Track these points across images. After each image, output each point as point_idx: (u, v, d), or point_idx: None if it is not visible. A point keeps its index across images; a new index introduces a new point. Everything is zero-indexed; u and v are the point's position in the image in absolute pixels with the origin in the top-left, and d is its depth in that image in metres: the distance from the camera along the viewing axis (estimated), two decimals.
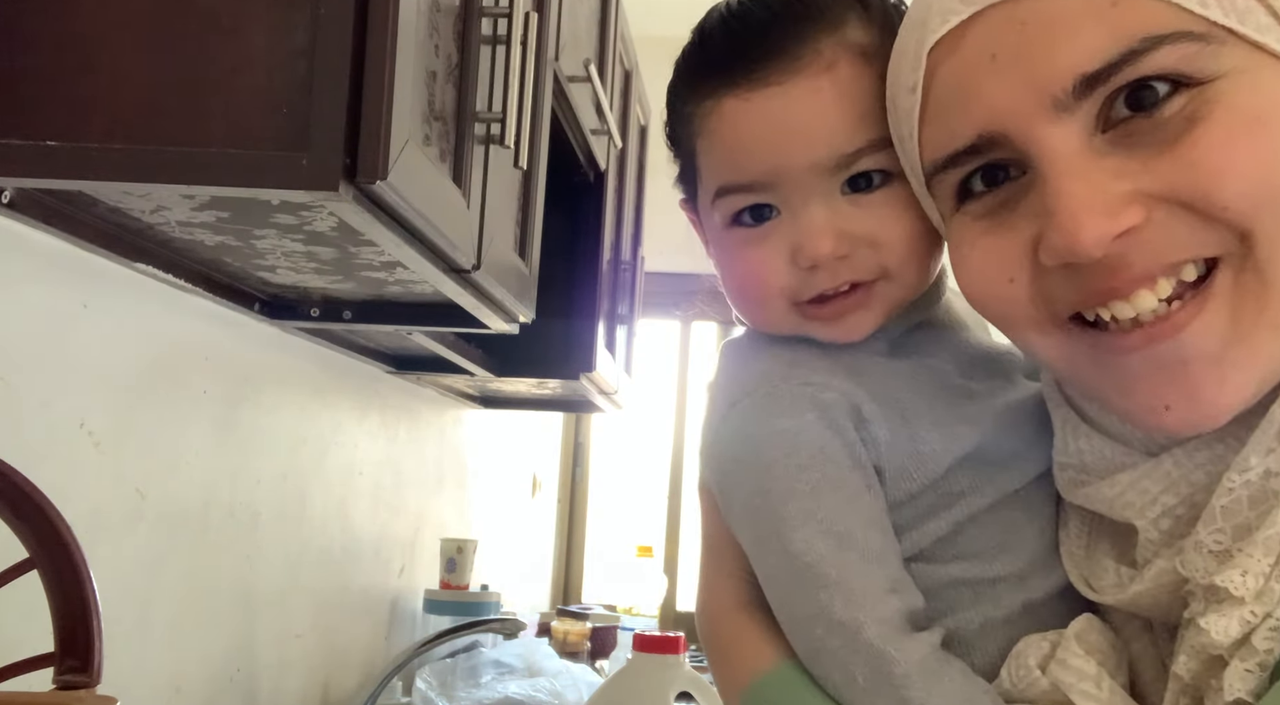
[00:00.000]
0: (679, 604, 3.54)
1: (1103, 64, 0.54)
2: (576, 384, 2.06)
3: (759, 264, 0.69)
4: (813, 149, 0.65)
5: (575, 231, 1.99)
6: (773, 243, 0.68)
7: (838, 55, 0.65)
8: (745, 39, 0.66)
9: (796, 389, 0.68)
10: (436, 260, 1.09)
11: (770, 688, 0.67)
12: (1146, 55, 0.53)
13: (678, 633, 1.11)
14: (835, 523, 0.65)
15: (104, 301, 1.17)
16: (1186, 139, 0.54)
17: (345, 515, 1.85)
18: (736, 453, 0.69)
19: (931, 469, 0.67)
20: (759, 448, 0.67)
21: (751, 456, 0.68)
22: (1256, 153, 0.53)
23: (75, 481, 1.13)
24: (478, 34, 1.09)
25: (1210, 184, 0.53)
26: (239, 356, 1.45)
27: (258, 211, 0.98)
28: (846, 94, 0.65)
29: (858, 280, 0.68)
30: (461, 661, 1.88)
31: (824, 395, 0.67)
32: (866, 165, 0.66)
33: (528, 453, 3.15)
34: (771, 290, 0.69)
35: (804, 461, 0.66)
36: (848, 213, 0.66)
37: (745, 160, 0.67)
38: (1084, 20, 0.54)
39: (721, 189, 0.69)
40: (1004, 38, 0.56)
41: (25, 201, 0.98)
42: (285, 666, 1.65)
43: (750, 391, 0.70)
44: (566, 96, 1.63)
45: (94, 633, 0.83)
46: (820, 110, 0.65)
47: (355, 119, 0.84)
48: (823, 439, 0.66)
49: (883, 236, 0.67)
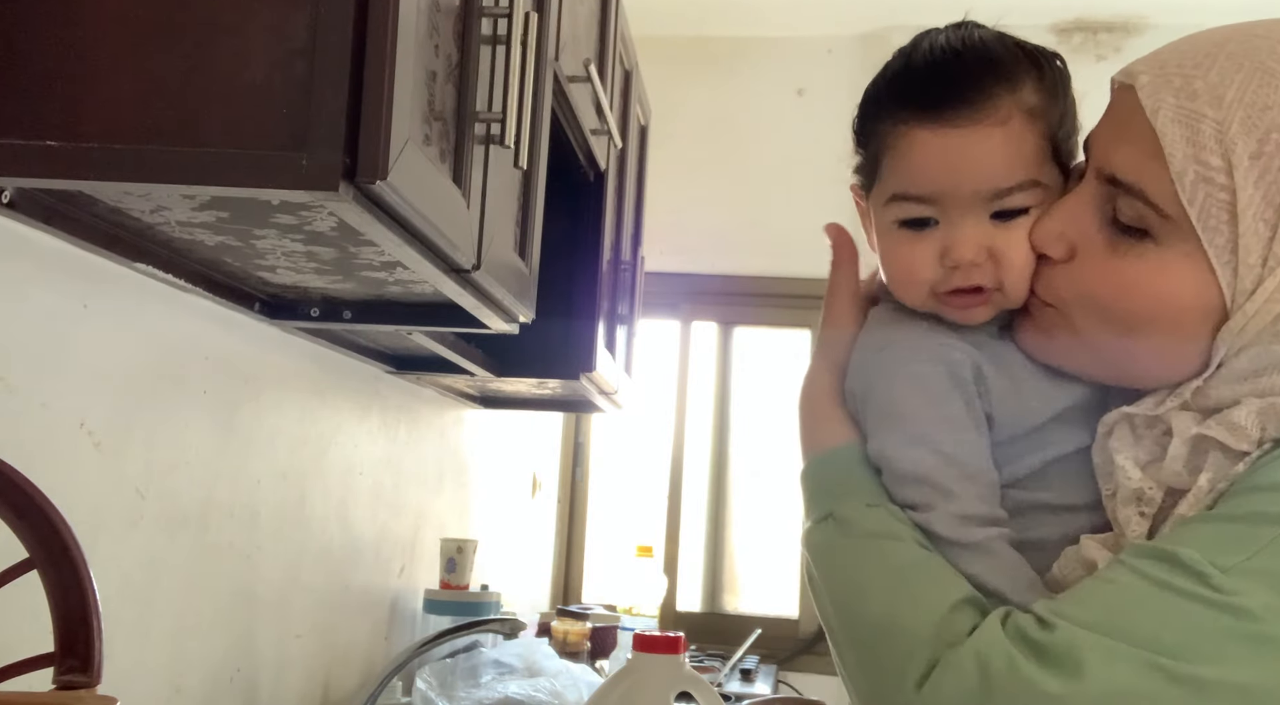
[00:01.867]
0: (679, 604, 3.54)
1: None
2: (576, 384, 2.06)
3: (915, 258, 0.87)
4: (976, 181, 0.83)
5: (575, 231, 1.99)
6: (928, 244, 0.86)
7: (1012, 112, 0.83)
8: (943, 84, 0.84)
9: (934, 346, 0.87)
10: (436, 260, 1.09)
11: (833, 457, 0.89)
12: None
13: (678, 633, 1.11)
14: (943, 445, 0.84)
15: (104, 301, 1.17)
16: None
17: (345, 515, 1.85)
18: (881, 382, 0.88)
19: (1032, 420, 0.86)
20: (897, 382, 0.87)
21: (891, 388, 0.87)
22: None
23: (75, 481, 1.13)
24: (478, 34, 1.09)
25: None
26: (239, 356, 1.45)
27: (258, 211, 0.98)
28: (1011, 143, 0.83)
29: (982, 285, 0.86)
30: (461, 661, 1.88)
31: (953, 354, 0.86)
32: (1014, 201, 0.84)
33: (528, 453, 3.15)
34: (921, 279, 0.87)
35: (930, 398, 0.86)
36: (990, 233, 0.85)
37: (923, 179, 0.85)
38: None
39: (897, 195, 0.87)
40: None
41: (25, 201, 0.98)
42: (285, 666, 1.65)
43: (898, 341, 0.89)
44: (566, 96, 1.63)
45: (94, 633, 0.83)
46: (988, 153, 0.83)
47: (355, 119, 0.84)
48: (945, 385, 0.86)
49: (1009, 256, 0.85)
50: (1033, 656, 0.71)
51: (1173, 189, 0.75)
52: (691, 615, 3.54)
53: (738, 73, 3.55)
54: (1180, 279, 0.77)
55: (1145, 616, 0.71)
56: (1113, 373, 0.84)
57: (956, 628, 0.76)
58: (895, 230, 0.88)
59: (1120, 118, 0.80)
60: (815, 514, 0.87)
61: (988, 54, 0.85)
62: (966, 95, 0.83)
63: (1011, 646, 0.72)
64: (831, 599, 0.84)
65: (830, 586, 0.84)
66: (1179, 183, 0.75)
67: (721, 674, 2.74)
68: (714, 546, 3.59)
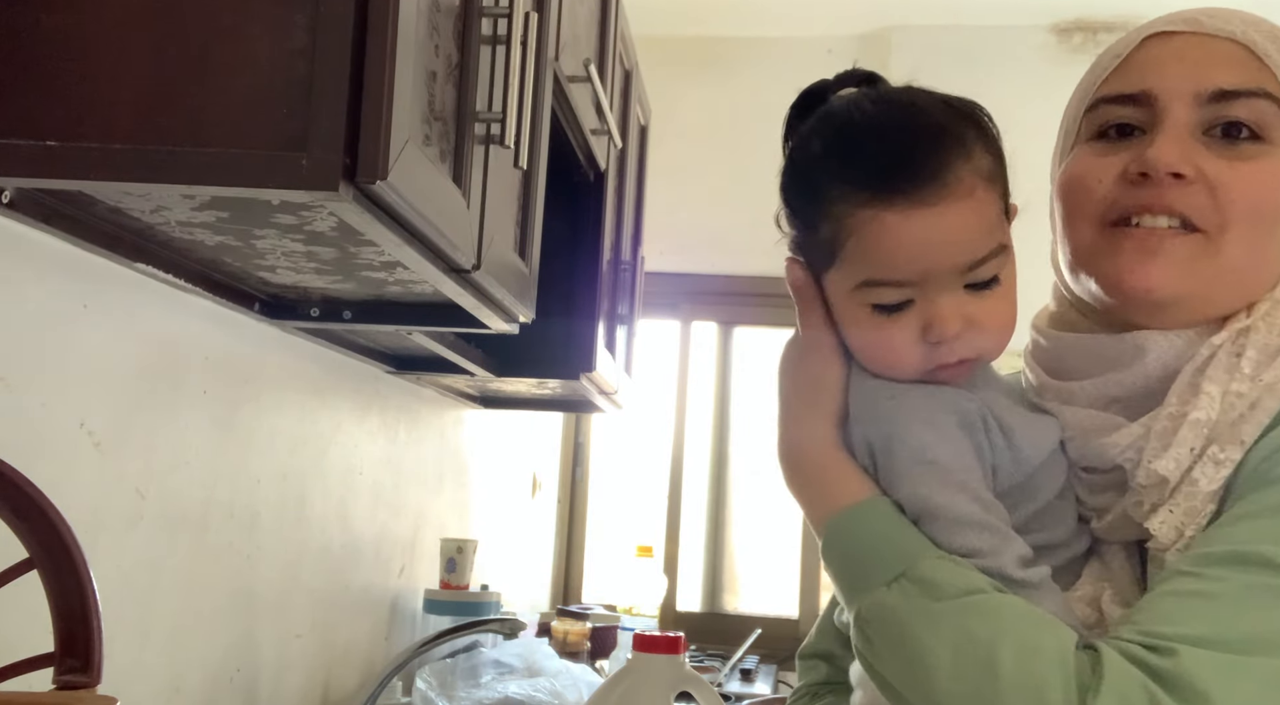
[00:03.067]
0: (679, 604, 3.54)
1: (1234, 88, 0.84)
2: (576, 384, 2.06)
3: (896, 341, 0.84)
4: (954, 256, 0.82)
5: (575, 231, 1.99)
6: (905, 323, 0.83)
7: (974, 182, 0.82)
8: (903, 163, 0.81)
9: (947, 394, 0.85)
10: (436, 260, 1.09)
11: (865, 513, 0.83)
12: (1244, 100, 0.84)
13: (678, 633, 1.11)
14: (980, 491, 0.82)
15: (104, 301, 1.17)
16: (1242, 167, 0.84)
17: (345, 515, 1.85)
18: (904, 430, 0.84)
19: (1025, 468, 0.85)
20: (923, 430, 0.83)
21: (919, 435, 0.83)
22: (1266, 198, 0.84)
23: (75, 481, 1.13)
24: (478, 34, 1.09)
25: (1230, 196, 0.83)
26: (239, 356, 1.45)
27: (258, 211, 0.98)
28: (979, 213, 0.82)
29: (966, 357, 0.85)
30: (461, 661, 1.88)
31: (965, 403, 0.84)
32: (987, 270, 0.83)
33: (528, 453, 3.15)
34: (907, 362, 0.85)
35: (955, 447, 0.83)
36: (967, 302, 0.83)
37: (900, 263, 0.82)
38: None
39: (870, 281, 0.83)
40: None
41: (25, 201, 0.98)
42: (285, 666, 1.65)
43: (908, 389, 0.85)
44: (566, 96, 1.63)
45: (94, 633, 0.83)
46: (962, 227, 0.82)
47: (355, 119, 0.84)
48: (960, 433, 0.84)
49: (987, 324, 0.84)
50: (1166, 689, 0.69)
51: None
52: (691, 615, 3.54)
53: (738, 73, 3.55)
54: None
55: (1254, 622, 0.71)
56: (1233, 294, 0.85)
57: (1084, 672, 0.72)
58: (865, 313, 0.85)
59: (1198, 54, 0.86)
60: (879, 578, 0.79)
61: (938, 124, 0.83)
62: (930, 171, 0.81)
63: (1147, 682, 0.70)
64: (937, 667, 0.75)
65: (932, 654, 0.75)
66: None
67: (721, 674, 2.74)
68: (714, 546, 3.59)
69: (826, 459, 0.86)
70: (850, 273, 0.84)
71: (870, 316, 0.85)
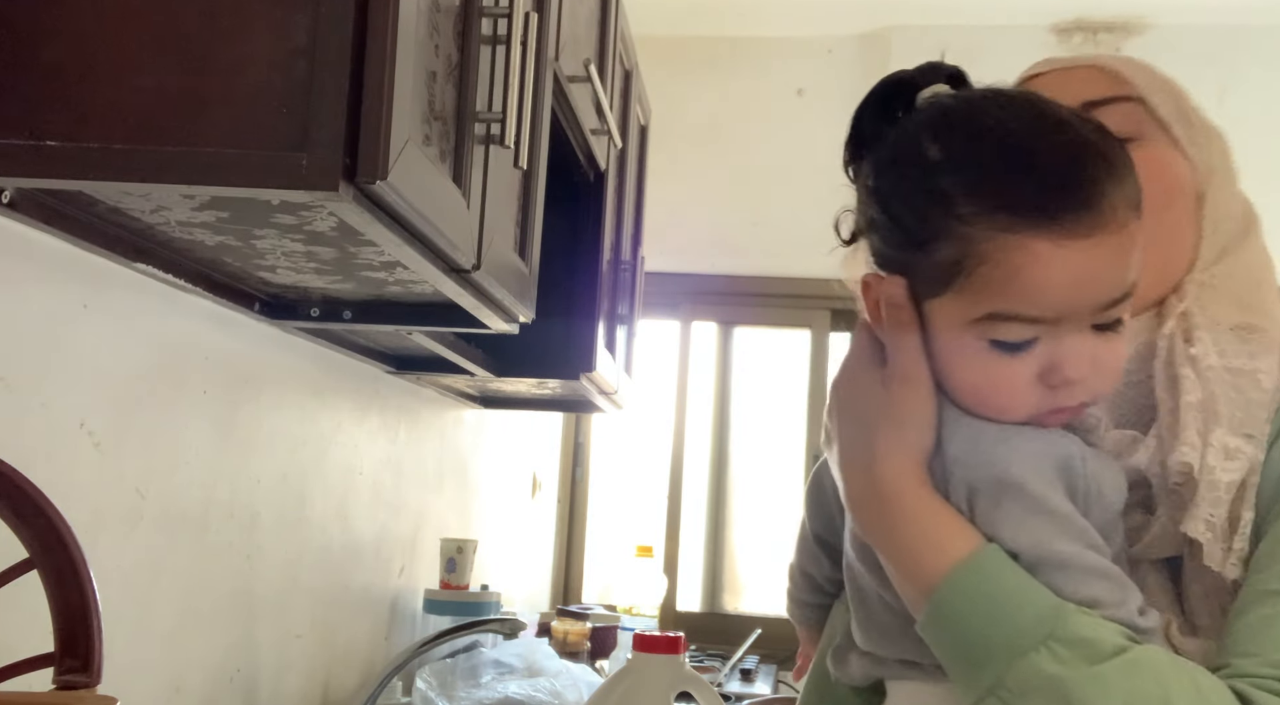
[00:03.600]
0: (679, 604, 3.54)
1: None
2: (576, 384, 2.06)
3: (1016, 382, 0.76)
4: (1098, 295, 0.74)
5: (575, 231, 1.99)
6: (1025, 363, 0.75)
7: (1126, 213, 0.75)
8: (1056, 185, 0.73)
9: (1055, 439, 0.77)
10: (436, 260, 1.09)
11: (987, 566, 0.74)
12: (1110, 106, 0.88)
13: (678, 633, 1.11)
14: (1095, 540, 0.76)
15: (104, 301, 1.17)
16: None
17: (345, 515, 1.85)
18: (1021, 477, 0.76)
19: (1110, 514, 0.79)
20: (1039, 477, 0.76)
21: (1035, 483, 0.76)
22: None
23: (75, 481, 1.13)
24: (478, 34, 1.09)
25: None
26: (239, 356, 1.45)
27: (258, 211, 0.98)
28: (1126, 249, 0.75)
29: (1085, 401, 0.78)
30: (461, 661, 1.88)
31: (1071, 448, 0.77)
32: (1120, 310, 0.76)
33: (528, 453, 3.15)
34: (1018, 404, 0.77)
35: (1063, 495, 0.76)
36: (1094, 343, 0.76)
37: (1042, 298, 0.74)
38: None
39: (999, 314, 0.74)
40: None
41: (25, 201, 0.98)
42: (285, 666, 1.65)
43: (1021, 431, 0.77)
44: (566, 96, 1.63)
45: (94, 633, 0.83)
46: (1113, 263, 0.74)
47: (355, 119, 0.84)
48: (1065, 482, 0.77)
49: (1110, 367, 0.77)
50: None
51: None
52: (691, 615, 3.54)
53: (738, 73, 3.55)
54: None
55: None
56: (1156, 280, 0.86)
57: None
58: (984, 351, 0.76)
59: (1058, 85, 0.90)
60: (1023, 640, 0.72)
61: (1094, 145, 0.75)
62: (1088, 199, 0.72)
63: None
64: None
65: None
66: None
67: (721, 674, 2.74)
68: (714, 546, 3.59)
69: (923, 503, 0.78)
70: (973, 303, 0.75)
71: (987, 352, 0.76)
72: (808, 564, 0.99)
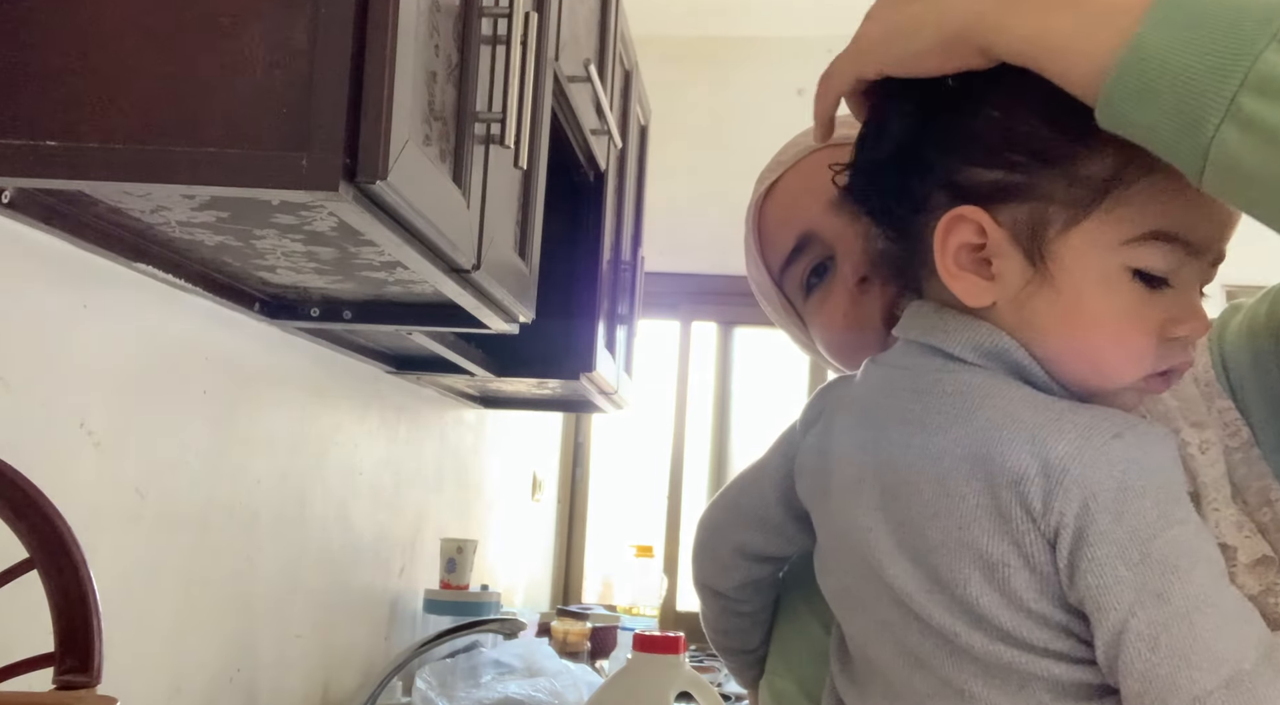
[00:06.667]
0: (679, 604, 3.54)
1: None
2: (576, 384, 2.05)
3: (1144, 324, 0.67)
4: (1228, 236, 0.67)
5: (575, 231, 1.99)
6: (1156, 309, 0.67)
7: None
8: None
9: (1165, 434, 0.68)
10: (436, 260, 1.09)
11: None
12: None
13: (678, 633, 1.11)
14: (1216, 560, 0.66)
15: (104, 301, 1.17)
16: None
17: (345, 515, 1.85)
18: (1138, 481, 0.65)
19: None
20: (1161, 477, 0.66)
21: (1155, 487, 0.65)
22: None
23: (75, 481, 1.13)
24: (478, 34, 1.09)
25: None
26: (239, 356, 1.45)
27: (258, 211, 0.98)
28: None
29: (1186, 364, 0.70)
30: (461, 661, 1.88)
31: (1178, 450, 0.69)
32: (1216, 270, 0.70)
33: (528, 453, 3.15)
34: (1142, 356, 0.68)
35: (1186, 503, 0.67)
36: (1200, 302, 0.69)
37: (1211, 218, 0.66)
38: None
39: (1162, 233, 0.66)
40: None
41: (25, 201, 0.98)
42: (285, 666, 1.65)
43: (1132, 425, 0.67)
44: (566, 96, 1.63)
45: (94, 633, 0.83)
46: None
47: (355, 119, 0.84)
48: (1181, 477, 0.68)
49: (1203, 332, 0.70)
50: None
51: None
52: (691, 615, 3.53)
53: (738, 73, 3.55)
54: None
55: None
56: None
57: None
58: (1127, 282, 0.67)
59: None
60: (1260, 35, 0.56)
61: None
62: None
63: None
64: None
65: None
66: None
67: (721, 674, 2.74)
68: None
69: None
70: (1130, 221, 0.66)
71: (1127, 286, 0.67)
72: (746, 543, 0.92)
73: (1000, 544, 0.66)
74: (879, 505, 0.72)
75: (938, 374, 0.72)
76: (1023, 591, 0.66)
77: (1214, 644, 0.61)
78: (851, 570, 0.75)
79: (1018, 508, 0.66)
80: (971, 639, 0.68)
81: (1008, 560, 0.66)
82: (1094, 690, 0.66)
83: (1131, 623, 0.62)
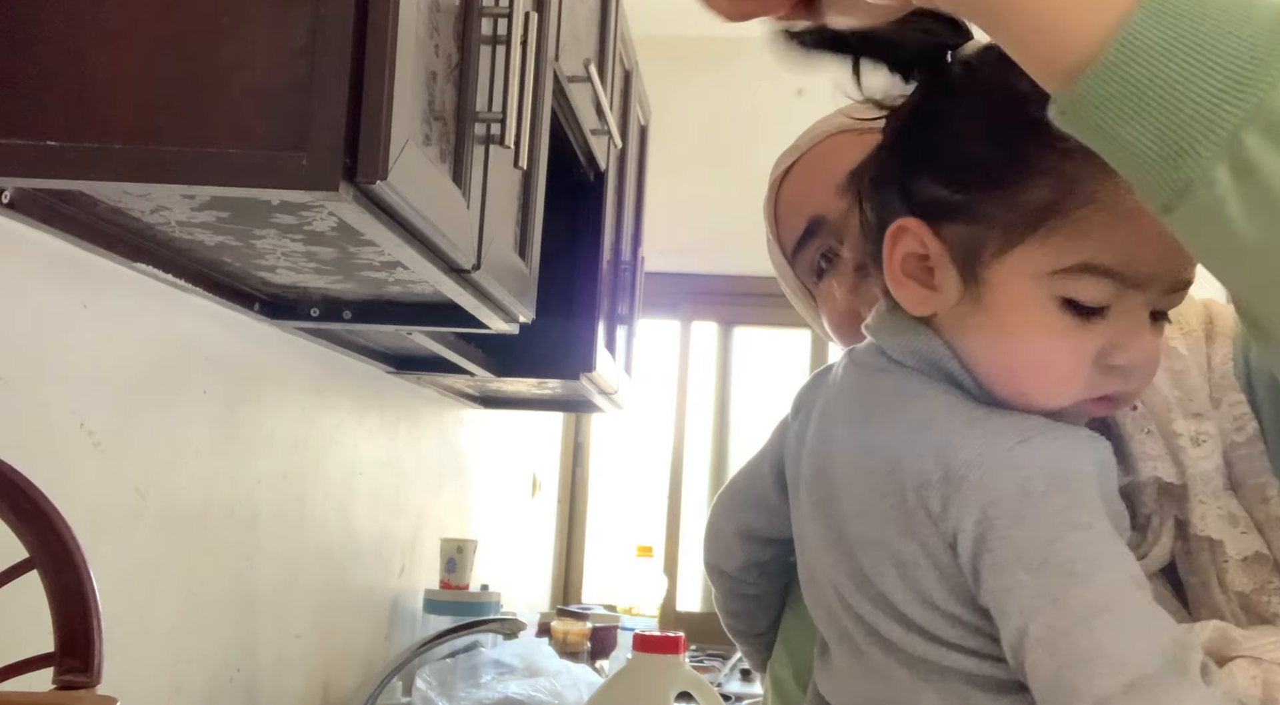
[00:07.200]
0: (679, 604, 3.54)
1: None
2: (576, 384, 2.05)
3: (1077, 354, 0.67)
4: (1183, 267, 0.66)
5: (575, 231, 1.99)
6: (1089, 338, 0.66)
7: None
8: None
9: (1084, 437, 0.68)
10: (436, 260, 1.09)
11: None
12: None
13: (678, 633, 1.11)
14: (1123, 565, 0.65)
15: (104, 301, 1.17)
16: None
17: (345, 515, 1.85)
18: (1040, 485, 0.65)
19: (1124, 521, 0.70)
20: (1065, 481, 0.66)
21: (1058, 491, 0.65)
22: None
23: (75, 481, 1.13)
24: (478, 34, 1.09)
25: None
26: (239, 356, 1.45)
27: (258, 211, 0.98)
28: None
29: (1128, 394, 0.70)
30: (461, 661, 1.88)
31: (1103, 452, 0.68)
32: (1180, 297, 0.68)
33: (528, 453, 3.15)
34: (1077, 381, 0.67)
35: (1093, 507, 0.66)
36: (1150, 331, 0.68)
37: (1147, 254, 0.64)
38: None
39: (1093, 266, 0.64)
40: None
41: (25, 201, 0.98)
42: (285, 666, 1.65)
43: (1045, 429, 0.67)
44: (566, 96, 1.63)
45: (94, 633, 0.83)
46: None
47: (355, 119, 0.84)
48: (1101, 485, 0.67)
49: (1155, 362, 0.69)
50: None
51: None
52: (691, 615, 3.54)
53: (738, 73, 3.55)
54: None
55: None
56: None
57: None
58: (1054, 311, 0.66)
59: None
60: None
61: None
62: None
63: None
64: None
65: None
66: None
67: (721, 674, 2.74)
68: None
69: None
70: (1063, 250, 0.65)
71: (1055, 315, 0.66)
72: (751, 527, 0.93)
73: (909, 544, 0.68)
74: (825, 498, 0.75)
75: (879, 375, 0.74)
76: (933, 591, 0.68)
77: (1114, 649, 0.61)
78: (807, 556, 0.79)
79: (920, 511, 0.67)
80: (892, 631, 0.70)
81: (917, 560, 0.68)
82: (1008, 685, 0.67)
83: (1031, 627, 0.62)
